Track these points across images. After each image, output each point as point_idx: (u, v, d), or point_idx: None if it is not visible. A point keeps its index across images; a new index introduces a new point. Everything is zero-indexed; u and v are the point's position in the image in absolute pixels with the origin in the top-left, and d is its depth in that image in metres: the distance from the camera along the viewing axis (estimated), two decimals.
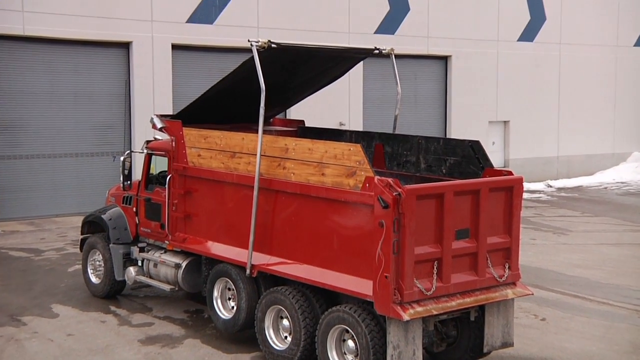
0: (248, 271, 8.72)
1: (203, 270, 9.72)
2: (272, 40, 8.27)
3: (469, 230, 7.79)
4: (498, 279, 8.03)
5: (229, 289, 9.35)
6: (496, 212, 8.03)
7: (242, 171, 8.94)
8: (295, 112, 18.87)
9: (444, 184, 7.81)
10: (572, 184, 25.45)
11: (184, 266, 9.93)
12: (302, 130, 11.49)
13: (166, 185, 10.02)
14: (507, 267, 8.14)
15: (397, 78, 9.86)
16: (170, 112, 17.84)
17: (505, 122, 25.32)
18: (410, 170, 9.68)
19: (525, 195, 22.41)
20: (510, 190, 8.12)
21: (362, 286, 7.53)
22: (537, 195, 23.09)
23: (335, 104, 21.20)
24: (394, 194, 7.18)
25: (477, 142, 8.87)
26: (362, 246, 7.56)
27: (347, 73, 10.68)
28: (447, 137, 23.18)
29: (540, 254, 14.54)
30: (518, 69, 25.18)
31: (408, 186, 7.32)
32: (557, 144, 26.49)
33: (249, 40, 8.11)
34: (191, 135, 9.68)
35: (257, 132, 8.55)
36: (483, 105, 24.49)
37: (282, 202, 8.44)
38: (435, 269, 7.52)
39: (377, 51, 9.47)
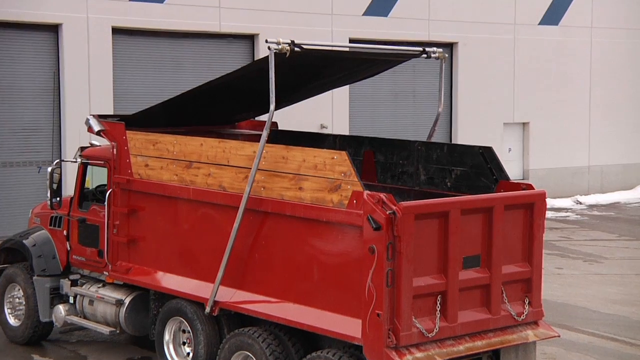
0: (208, 309, 8.72)
1: (151, 307, 9.71)
2: (296, 42, 8.05)
3: (480, 257, 7.87)
4: (516, 318, 8.11)
5: (184, 331, 9.35)
6: (513, 235, 8.11)
7: (201, 185, 8.97)
8: None
9: (449, 200, 7.89)
10: (606, 200, 25.67)
11: (127, 303, 9.92)
12: (274, 135, 11.52)
13: (105, 203, 10.01)
14: (527, 302, 8.23)
15: (442, 90, 9.70)
16: (111, 112, 17.82)
17: (524, 124, 25.53)
18: (407, 183, 9.75)
19: (549, 214, 22.58)
20: (530, 207, 8.22)
21: (348, 327, 7.56)
22: (563, 214, 23.28)
23: (316, 103, 21.21)
24: (387, 212, 7.24)
25: (489, 149, 8.96)
26: (348, 277, 7.60)
27: None
28: (453, 142, 23.33)
29: (568, 286, 14.66)
30: (540, 59, 25.41)
31: (405, 203, 7.39)
32: (588, 150, 26.73)
33: (266, 41, 7.90)
34: (137, 140, 9.70)
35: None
36: (497, 104, 24.70)
37: (249, 223, 8.47)
38: (438, 305, 7.58)
39: (424, 55, 9.37)
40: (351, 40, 21.58)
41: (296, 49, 7.97)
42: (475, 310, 7.87)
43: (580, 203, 25.24)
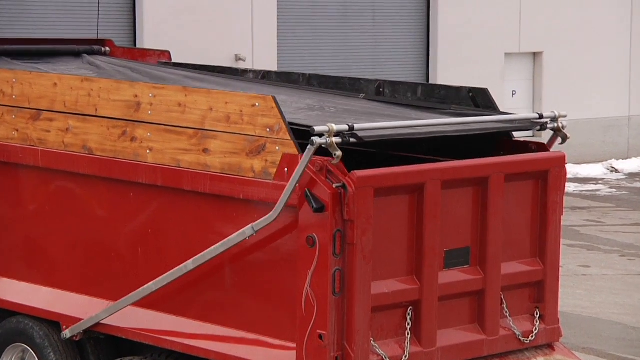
0: (67, 332, 8.73)
1: None
2: (355, 129, 7.33)
3: (469, 250, 7.98)
4: (522, 339, 8.25)
5: None
6: (518, 219, 8.24)
7: (55, 145, 8.91)
8: (151, 36, 18.78)
9: (425, 167, 7.95)
10: None
11: None
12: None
13: None
14: (537, 316, 8.38)
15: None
16: None
17: (534, 54, 25.76)
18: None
19: (570, 187, 22.73)
20: (543, 178, 8.34)
21: (277, 354, 7.61)
22: (592, 186, 23.59)
23: (228, 25, 21.17)
24: (334, 185, 7.28)
25: (483, 92, 9.05)
26: (276, 282, 7.65)
27: None
28: (430, 82, 23.43)
29: (598, 292, 14.86)
30: None
31: (359, 172, 7.42)
32: (629, 94, 27.06)
33: (312, 132, 7.20)
34: None
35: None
36: (494, 27, 24.86)
37: (128, 204, 8.47)
38: (409, 321, 7.66)
39: (538, 127, 8.84)
40: None
41: (352, 139, 7.39)
42: (463, 328, 7.98)
43: (617, 171, 25.61)
